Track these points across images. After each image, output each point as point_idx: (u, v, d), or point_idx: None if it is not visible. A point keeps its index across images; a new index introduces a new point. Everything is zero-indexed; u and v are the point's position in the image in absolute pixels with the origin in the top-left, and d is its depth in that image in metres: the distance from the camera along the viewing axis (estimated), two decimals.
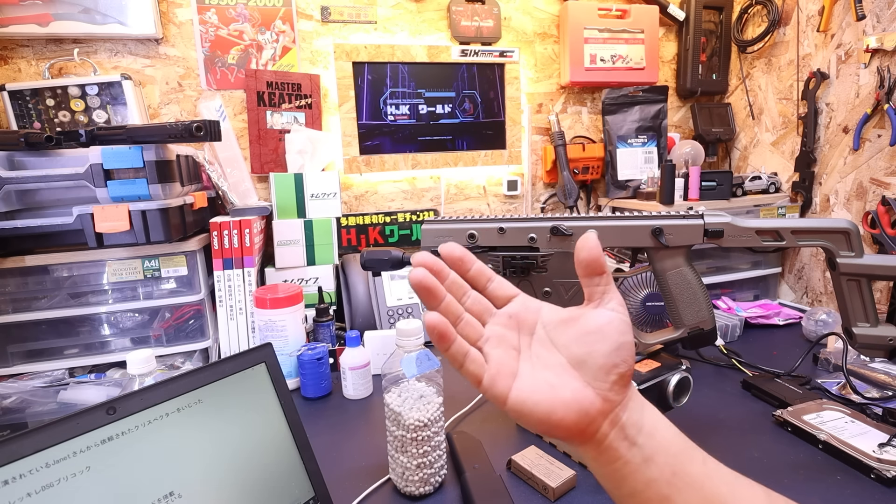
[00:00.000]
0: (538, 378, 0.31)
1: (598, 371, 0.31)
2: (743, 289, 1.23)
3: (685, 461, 0.32)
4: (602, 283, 0.32)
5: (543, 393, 0.31)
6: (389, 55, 1.22)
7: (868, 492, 0.55)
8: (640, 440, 0.31)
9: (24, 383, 0.82)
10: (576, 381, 0.31)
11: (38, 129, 0.99)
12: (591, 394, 0.31)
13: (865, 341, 0.62)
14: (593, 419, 0.31)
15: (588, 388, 0.31)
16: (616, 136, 1.35)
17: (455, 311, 0.32)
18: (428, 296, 0.31)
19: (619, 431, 0.31)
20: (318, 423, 0.74)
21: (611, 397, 0.31)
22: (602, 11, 1.30)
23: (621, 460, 0.31)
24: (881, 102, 1.00)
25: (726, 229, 0.63)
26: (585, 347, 0.31)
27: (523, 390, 0.31)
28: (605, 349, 0.31)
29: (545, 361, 0.32)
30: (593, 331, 0.31)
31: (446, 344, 0.31)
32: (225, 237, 0.92)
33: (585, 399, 0.30)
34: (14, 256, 0.82)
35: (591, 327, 0.32)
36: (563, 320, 0.33)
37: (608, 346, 0.31)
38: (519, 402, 0.30)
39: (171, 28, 1.11)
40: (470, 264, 0.34)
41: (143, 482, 0.39)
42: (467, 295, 0.34)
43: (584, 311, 0.33)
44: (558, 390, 0.31)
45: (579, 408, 0.30)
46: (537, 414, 0.30)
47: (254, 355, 0.48)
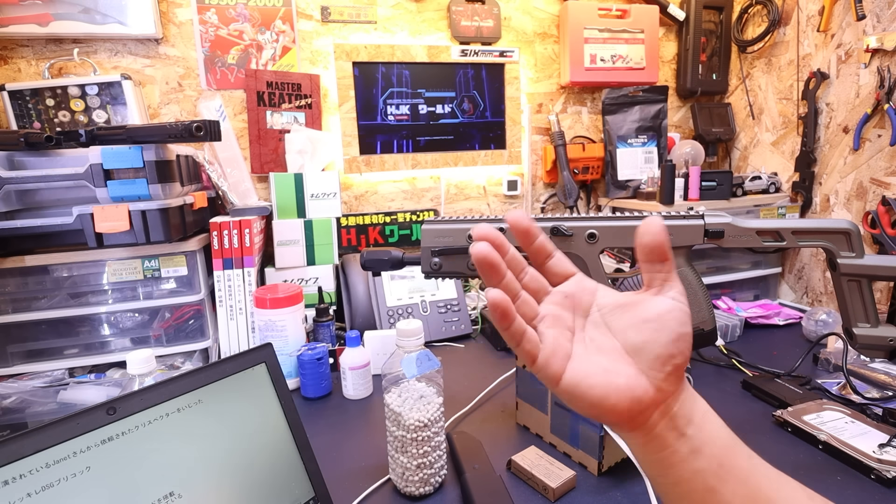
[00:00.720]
0: (592, 361, 0.31)
1: (654, 360, 0.30)
2: (743, 289, 1.23)
3: (732, 455, 0.31)
4: (664, 270, 0.31)
5: (597, 377, 0.30)
6: (389, 55, 1.22)
7: (868, 492, 0.55)
8: (690, 431, 0.31)
9: (24, 383, 0.82)
10: (630, 369, 0.30)
11: (38, 129, 0.99)
12: (645, 382, 0.30)
13: (866, 342, 0.62)
14: (645, 408, 0.30)
15: (642, 377, 0.30)
16: (616, 136, 1.35)
17: (514, 287, 0.32)
18: (491, 271, 0.30)
19: (670, 422, 0.31)
20: (318, 423, 0.74)
21: (664, 388, 0.30)
22: (602, 11, 1.30)
23: (669, 449, 0.31)
24: (881, 102, 1.00)
25: (727, 229, 0.63)
26: (643, 335, 0.30)
27: (577, 372, 0.30)
28: (663, 339, 0.30)
29: (599, 345, 0.32)
30: (653, 319, 0.31)
31: (507, 322, 0.30)
32: (225, 237, 0.92)
33: (639, 387, 0.30)
34: (14, 256, 0.82)
35: (650, 315, 0.31)
36: (620, 305, 0.32)
37: (667, 336, 0.30)
38: (573, 383, 0.30)
39: (171, 28, 1.11)
40: (535, 237, 0.33)
41: (143, 482, 0.39)
42: (525, 272, 0.33)
43: (644, 296, 0.32)
44: (612, 376, 0.30)
45: (632, 396, 0.30)
46: (590, 397, 0.30)
47: (254, 355, 0.48)
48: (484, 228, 0.31)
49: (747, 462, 0.32)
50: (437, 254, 0.67)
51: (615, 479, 0.59)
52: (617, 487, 0.57)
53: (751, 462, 0.32)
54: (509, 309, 0.30)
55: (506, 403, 0.78)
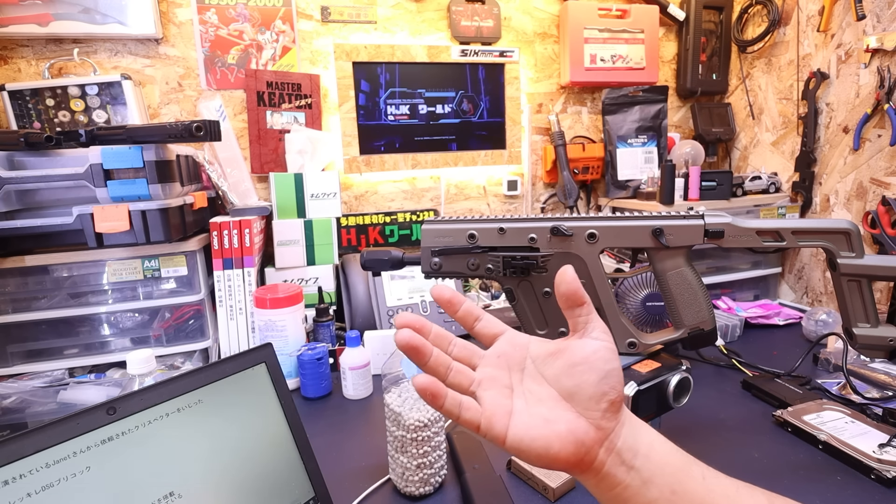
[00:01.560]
0: (533, 413, 0.32)
1: (588, 401, 0.31)
2: (743, 289, 1.23)
3: (684, 479, 0.32)
4: (584, 314, 0.33)
5: (539, 428, 0.31)
6: (389, 55, 1.22)
7: (868, 492, 0.55)
8: (638, 463, 0.32)
9: (24, 383, 0.82)
10: (569, 413, 0.32)
11: (37, 129, 0.99)
12: (584, 424, 0.31)
13: (866, 342, 0.62)
14: (589, 448, 0.31)
15: (581, 419, 0.32)
16: (616, 136, 1.35)
17: (443, 363, 0.33)
18: (416, 354, 0.32)
19: (616, 457, 0.32)
20: (318, 423, 0.74)
21: (603, 425, 0.32)
22: (602, 11, 1.29)
23: (621, 485, 0.32)
24: (881, 102, 1.00)
25: (727, 230, 0.63)
26: (574, 379, 0.32)
27: (519, 428, 0.31)
28: (593, 379, 0.31)
29: (538, 395, 0.33)
30: (579, 362, 0.32)
31: (439, 402, 0.31)
32: (225, 237, 0.92)
33: (579, 429, 0.31)
34: (14, 256, 0.82)
35: (577, 359, 0.32)
36: (550, 353, 0.34)
37: (596, 376, 0.32)
38: (517, 439, 0.31)
39: (171, 28, 1.11)
40: (458, 305, 0.36)
41: (143, 482, 0.39)
42: (453, 343, 0.35)
43: (570, 342, 0.33)
44: (553, 424, 0.31)
45: (574, 439, 0.31)
46: (535, 449, 0.31)
47: (254, 355, 0.48)
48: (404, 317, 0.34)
49: (701, 484, 0.32)
50: (437, 254, 0.67)
51: None
52: None
53: (705, 483, 0.32)
54: (438, 391, 0.31)
55: None
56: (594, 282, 0.65)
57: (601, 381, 0.31)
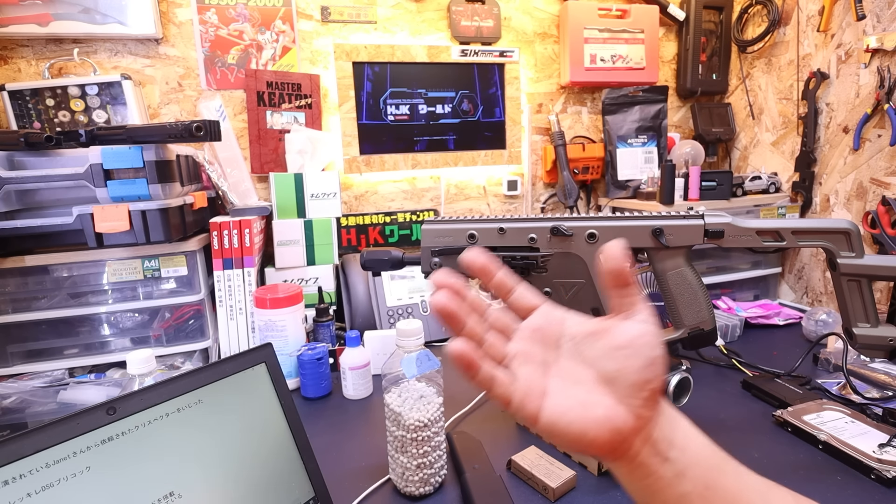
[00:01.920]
0: (569, 395, 0.30)
1: (630, 388, 0.29)
2: (743, 289, 1.23)
3: (718, 475, 0.31)
4: (629, 294, 0.31)
5: (576, 412, 0.29)
6: (389, 55, 1.22)
7: (868, 492, 0.55)
8: (673, 455, 0.30)
9: (24, 383, 0.82)
10: (608, 399, 0.30)
11: (37, 129, 0.99)
12: (623, 411, 0.29)
13: (866, 341, 0.62)
14: (626, 437, 0.30)
15: (620, 406, 0.29)
16: (616, 136, 1.35)
17: (478, 332, 0.31)
18: (451, 321, 0.30)
19: (651, 447, 0.30)
20: (318, 423, 0.74)
21: (643, 414, 0.30)
22: (602, 11, 1.29)
23: (653, 476, 0.30)
24: (881, 102, 1.00)
25: (727, 229, 0.63)
26: (616, 363, 0.30)
27: (555, 410, 0.29)
28: (636, 365, 0.29)
29: (574, 377, 0.31)
30: (624, 345, 0.30)
31: (472, 373, 0.29)
32: (225, 237, 0.92)
33: (618, 417, 0.29)
34: (14, 256, 0.82)
35: (621, 342, 0.30)
36: (590, 333, 0.31)
37: (640, 362, 0.29)
38: (550, 422, 0.29)
39: (171, 28, 1.11)
40: (494, 273, 0.33)
41: (143, 482, 0.39)
42: (489, 311, 0.32)
43: (613, 323, 0.31)
44: (590, 409, 0.29)
45: (612, 426, 0.29)
46: (570, 434, 0.29)
47: (254, 355, 0.48)
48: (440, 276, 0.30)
49: (734, 481, 0.31)
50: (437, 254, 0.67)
51: (615, 479, 0.59)
52: (617, 487, 0.57)
53: (738, 480, 0.31)
54: (472, 360, 0.29)
55: None
56: (594, 282, 0.65)
57: (645, 367, 0.29)
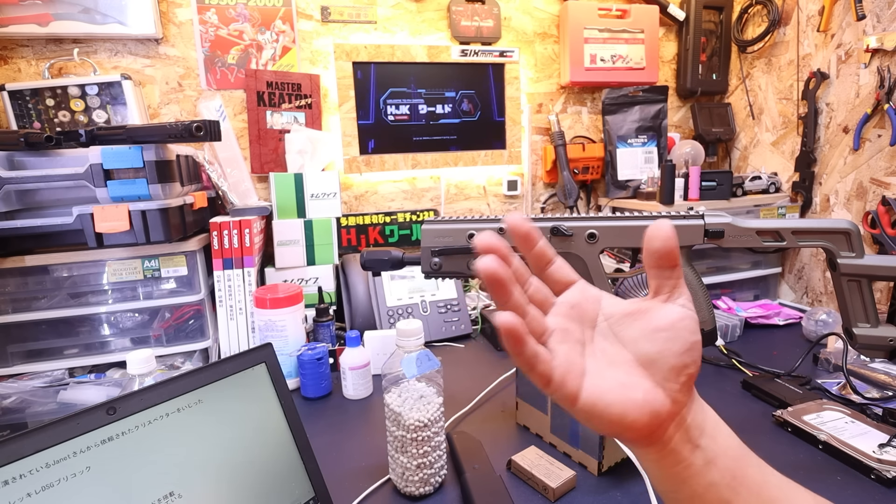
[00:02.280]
0: (608, 377, 0.29)
1: (669, 371, 0.29)
2: (743, 289, 1.23)
3: (744, 465, 0.31)
4: (674, 277, 0.30)
5: (615, 393, 0.28)
6: (389, 55, 1.22)
7: (868, 492, 0.55)
8: (703, 443, 0.30)
9: (24, 383, 0.82)
10: (646, 381, 0.29)
11: (38, 129, 0.99)
12: (661, 395, 0.29)
13: (866, 342, 0.62)
14: (663, 421, 0.29)
15: (658, 389, 0.29)
16: (616, 136, 1.35)
17: (523, 304, 0.29)
18: (500, 289, 0.28)
19: (684, 434, 0.30)
20: (318, 423, 0.74)
21: (680, 399, 0.29)
22: (602, 11, 1.30)
23: (683, 463, 0.30)
24: (881, 102, 1.00)
25: (727, 230, 0.63)
26: (657, 346, 0.29)
27: (594, 390, 0.28)
28: (677, 348, 0.29)
29: (611, 358, 0.30)
30: (665, 328, 0.29)
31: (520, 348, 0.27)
32: (225, 237, 0.92)
33: (657, 400, 0.29)
34: (14, 256, 0.82)
35: (662, 324, 0.29)
36: (628, 313, 0.31)
37: (680, 346, 0.29)
38: (590, 403, 0.28)
39: (171, 28, 1.11)
40: (535, 242, 0.31)
41: (143, 482, 0.39)
42: (529, 282, 0.31)
43: (653, 304, 0.30)
44: (630, 391, 0.29)
45: (651, 410, 0.29)
46: (609, 416, 0.28)
47: (254, 355, 0.48)
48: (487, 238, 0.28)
49: (759, 472, 0.31)
50: (437, 254, 0.67)
51: (615, 479, 0.59)
52: (617, 487, 0.57)
53: (762, 472, 0.31)
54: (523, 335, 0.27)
55: (506, 403, 0.78)
56: (594, 282, 0.65)
57: (685, 351, 0.29)
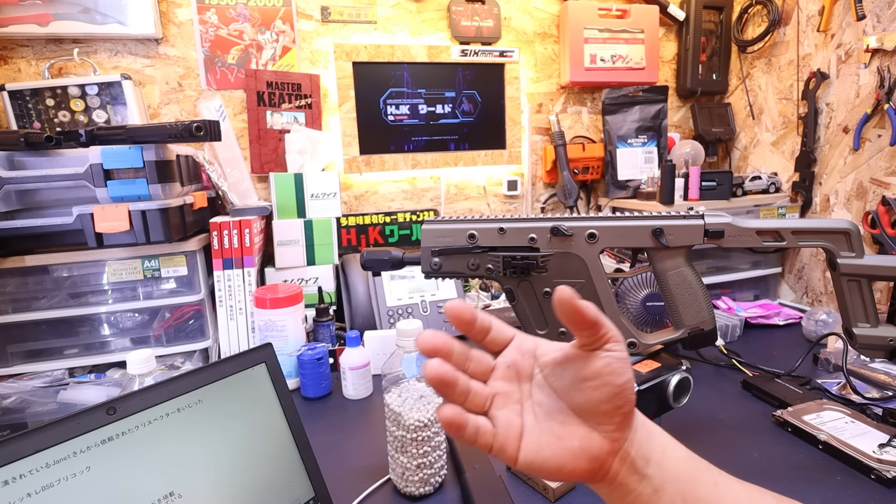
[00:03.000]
0: (543, 430, 0.31)
1: (601, 417, 0.30)
2: (743, 289, 1.23)
3: (695, 487, 0.32)
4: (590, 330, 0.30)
5: (551, 447, 0.30)
6: (389, 55, 1.22)
7: (868, 492, 0.55)
8: (650, 471, 0.31)
9: (24, 383, 0.82)
10: (581, 428, 0.31)
11: (38, 129, 0.99)
12: (597, 438, 0.31)
13: (866, 342, 0.62)
14: (603, 461, 0.31)
15: (594, 433, 0.31)
16: (616, 136, 1.35)
17: (464, 389, 0.31)
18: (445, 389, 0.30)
19: (629, 466, 0.31)
20: (318, 423, 0.74)
21: (617, 436, 0.31)
22: (602, 11, 1.29)
23: (633, 494, 0.31)
24: (881, 102, 1.00)
25: (727, 230, 0.63)
26: (585, 395, 0.30)
27: (531, 448, 0.30)
28: (605, 395, 0.30)
29: (547, 409, 0.32)
30: (591, 377, 0.30)
31: (461, 433, 0.30)
32: (225, 237, 0.92)
33: (593, 445, 0.30)
34: (14, 256, 0.82)
35: (588, 374, 0.30)
36: (558, 363, 0.32)
37: (607, 392, 0.30)
38: (528, 461, 0.30)
39: (171, 28, 1.11)
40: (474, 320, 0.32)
41: (143, 482, 0.39)
42: (470, 360, 0.32)
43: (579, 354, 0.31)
44: (565, 441, 0.30)
45: (588, 455, 0.30)
46: (549, 469, 0.30)
47: (254, 355, 0.48)
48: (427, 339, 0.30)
49: (713, 490, 0.32)
50: (437, 254, 0.67)
51: None
52: None
53: (717, 489, 0.32)
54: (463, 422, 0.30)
55: None
56: (594, 282, 0.65)
57: (614, 396, 0.30)
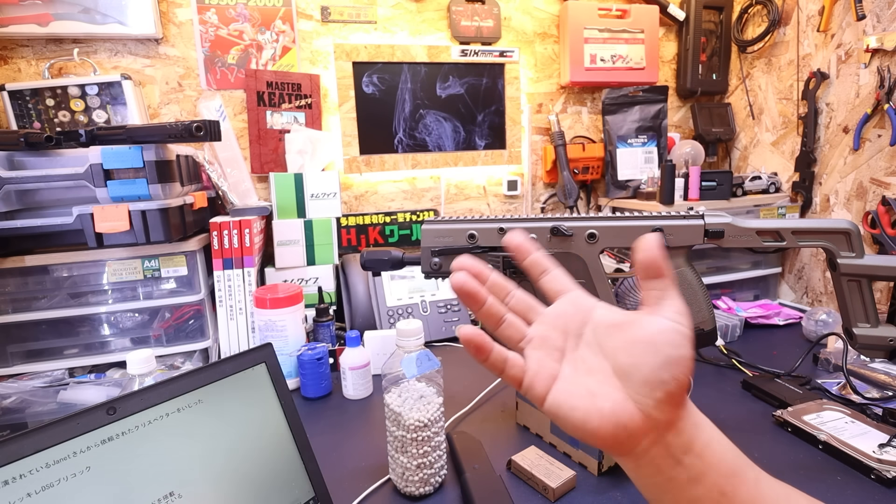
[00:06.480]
0: (579, 383, 0.30)
1: (641, 386, 0.28)
2: (743, 289, 1.23)
3: (737, 483, 0.30)
4: (659, 288, 0.30)
5: (581, 399, 0.29)
6: (389, 55, 1.22)
7: (868, 492, 0.55)
8: (688, 460, 0.29)
9: (24, 383, 0.82)
10: (618, 393, 0.29)
11: (38, 129, 0.99)
12: (631, 408, 0.28)
13: (866, 342, 0.62)
14: (632, 434, 0.29)
15: (629, 402, 0.29)
16: (616, 136, 1.35)
17: (496, 312, 0.32)
18: (469, 300, 0.31)
19: (663, 449, 0.29)
20: (318, 423, 0.74)
21: (655, 416, 0.28)
22: (602, 11, 1.29)
23: (663, 475, 0.30)
24: (881, 102, 1.00)
25: (727, 230, 0.63)
26: (632, 357, 0.29)
27: (561, 394, 0.30)
28: (652, 362, 0.28)
29: (589, 366, 0.30)
30: (643, 340, 0.29)
31: (483, 356, 0.30)
32: (225, 237, 0.92)
33: (625, 413, 0.28)
34: (14, 256, 0.82)
35: (640, 336, 0.29)
36: (614, 324, 0.31)
37: (657, 360, 0.28)
38: (555, 405, 0.30)
39: (171, 28, 1.11)
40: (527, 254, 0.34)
41: (143, 482, 0.39)
42: (511, 294, 0.33)
43: (639, 316, 0.30)
44: (598, 399, 0.29)
45: (616, 422, 0.28)
46: (572, 420, 0.29)
47: (254, 355, 0.48)
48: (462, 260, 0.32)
49: (753, 488, 0.30)
50: (437, 254, 0.67)
51: (615, 479, 0.59)
52: (617, 487, 0.57)
53: (757, 488, 0.30)
54: (483, 343, 0.30)
55: (506, 403, 0.78)
56: (594, 282, 0.65)
57: (661, 366, 0.28)
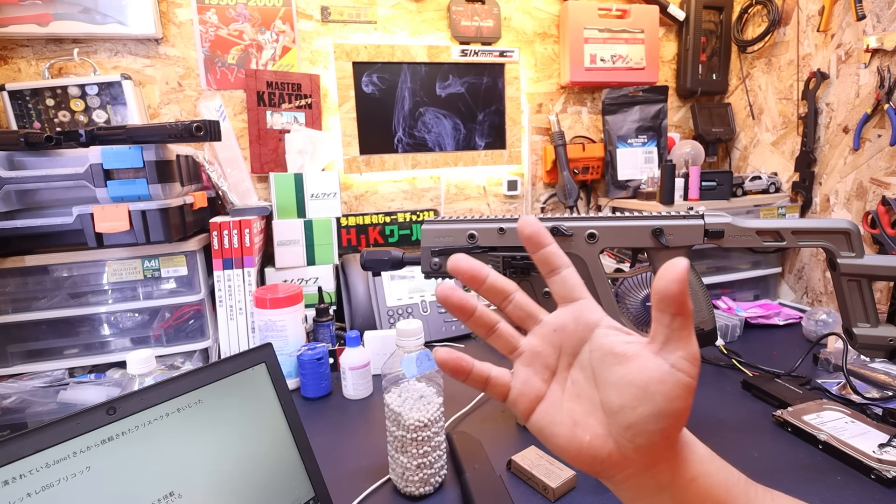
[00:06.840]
0: (563, 409, 0.29)
1: (625, 430, 0.27)
2: (743, 289, 1.23)
3: None
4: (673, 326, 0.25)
5: (562, 427, 0.28)
6: (389, 55, 1.22)
7: (868, 492, 0.55)
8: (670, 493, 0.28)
9: (24, 383, 0.82)
10: (600, 427, 0.28)
11: (37, 129, 0.99)
12: (611, 446, 0.27)
13: (866, 341, 0.62)
14: (608, 468, 0.28)
15: (609, 440, 0.27)
16: (616, 136, 1.35)
17: (488, 322, 0.30)
18: (456, 311, 0.30)
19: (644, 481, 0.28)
20: (318, 423, 0.74)
21: (634, 459, 0.27)
22: (602, 11, 1.29)
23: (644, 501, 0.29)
24: (881, 102, 1.00)
25: (727, 230, 0.63)
26: (622, 400, 0.27)
27: (543, 417, 0.29)
28: (642, 411, 0.26)
29: (578, 391, 0.29)
30: (638, 384, 0.26)
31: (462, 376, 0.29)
32: (225, 237, 0.92)
33: (603, 450, 0.27)
34: (14, 256, 0.82)
35: (637, 379, 0.26)
36: (613, 353, 0.28)
37: (647, 409, 0.26)
38: (537, 427, 0.29)
39: (171, 28, 1.11)
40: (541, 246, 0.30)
41: (143, 482, 0.39)
42: (510, 299, 0.31)
43: (642, 351, 0.27)
44: (578, 430, 0.28)
45: (593, 456, 0.28)
46: (552, 443, 0.29)
47: (254, 355, 0.48)
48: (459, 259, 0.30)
49: None
50: (437, 254, 0.67)
51: None
52: None
53: None
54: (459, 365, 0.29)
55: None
56: (594, 282, 0.65)
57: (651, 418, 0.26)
